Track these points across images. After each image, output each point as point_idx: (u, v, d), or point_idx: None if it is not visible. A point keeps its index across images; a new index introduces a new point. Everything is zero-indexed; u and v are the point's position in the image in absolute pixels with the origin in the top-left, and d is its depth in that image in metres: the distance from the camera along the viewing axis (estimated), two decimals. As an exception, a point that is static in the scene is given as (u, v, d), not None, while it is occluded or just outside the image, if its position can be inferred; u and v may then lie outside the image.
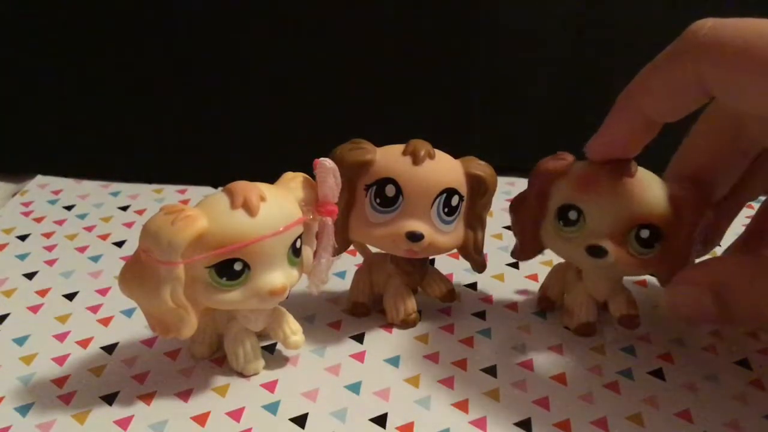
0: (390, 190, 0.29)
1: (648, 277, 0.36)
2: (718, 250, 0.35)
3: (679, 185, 0.29)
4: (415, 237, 0.29)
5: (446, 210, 0.29)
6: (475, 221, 0.31)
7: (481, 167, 0.30)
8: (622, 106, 0.27)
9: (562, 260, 0.33)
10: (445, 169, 0.29)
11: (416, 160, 0.29)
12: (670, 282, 0.29)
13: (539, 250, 0.32)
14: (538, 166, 0.30)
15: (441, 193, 0.29)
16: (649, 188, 0.28)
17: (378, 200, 0.29)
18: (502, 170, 0.32)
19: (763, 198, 0.33)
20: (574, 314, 0.32)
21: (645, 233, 0.28)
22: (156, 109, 0.47)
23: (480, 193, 0.30)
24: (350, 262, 0.36)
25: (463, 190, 0.30)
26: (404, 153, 0.29)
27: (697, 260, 0.30)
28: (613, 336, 0.32)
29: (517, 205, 0.32)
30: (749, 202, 0.33)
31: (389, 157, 0.29)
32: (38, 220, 0.41)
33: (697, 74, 0.25)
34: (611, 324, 0.32)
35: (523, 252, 0.32)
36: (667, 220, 0.28)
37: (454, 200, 0.29)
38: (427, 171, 0.29)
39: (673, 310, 0.28)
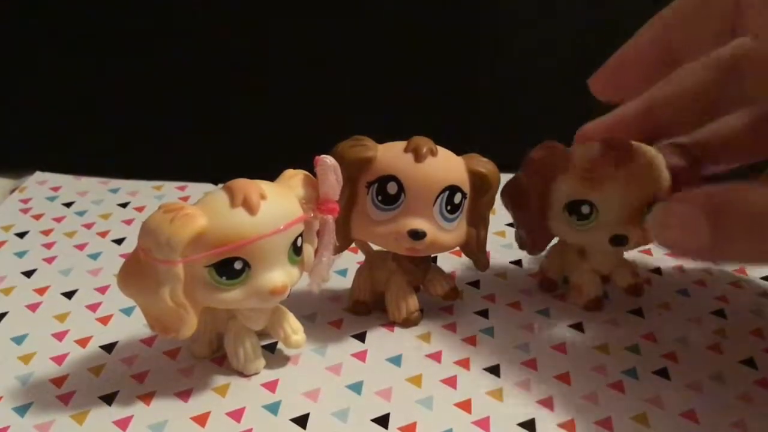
0: (392, 188, 0.29)
1: (652, 274, 0.36)
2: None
3: (671, 152, 0.30)
4: (417, 235, 0.28)
5: (449, 208, 0.29)
6: (478, 219, 0.31)
7: (484, 164, 0.30)
8: (642, 33, 0.26)
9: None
10: (447, 166, 0.29)
11: (418, 158, 0.28)
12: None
13: (550, 240, 0.33)
14: (532, 161, 0.31)
15: (443, 191, 0.29)
16: (652, 165, 0.29)
17: (380, 198, 0.29)
18: (505, 167, 0.31)
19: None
20: (582, 291, 0.33)
21: None
22: (155, 105, 0.47)
23: (483, 190, 0.30)
24: (351, 260, 0.35)
25: (466, 187, 0.30)
26: (406, 150, 0.29)
27: None
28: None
29: (516, 201, 0.32)
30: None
31: (391, 154, 0.29)
32: (37, 217, 0.41)
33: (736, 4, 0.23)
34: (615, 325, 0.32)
35: (535, 246, 0.33)
36: (669, 189, 0.29)
37: (457, 198, 0.29)
38: (430, 168, 0.28)
39: (661, 234, 0.25)
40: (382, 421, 0.27)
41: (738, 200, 0.23)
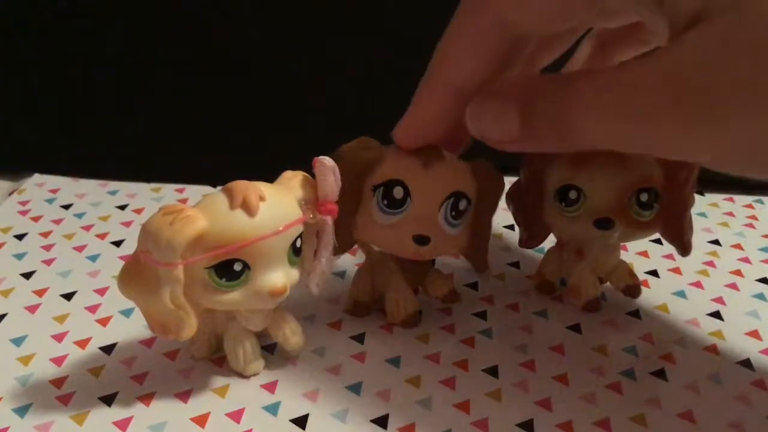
0: (398, 192, 0.28)
1: (649, 276, 0.36)
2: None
3: None
4: (422, 240, 0.28)
5: (453, 213, 0.29)
6: (481, 224, 0.31)
7: (490, 171, 0.30)
8: (428, 82, 0.26)
9: (552, 244, 0.34)
10: (453, 172, 0.29)
11: (425, 163, 0.28)
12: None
13: (546, 235, 0.33)
14: (529, 153, 0.31)
15: (449, 197, 0.28)
16: (639, 153, 0.29)
17: (385, 201, 0.29)
18: (507, 170, 0.31)
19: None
20: (581, 292, 0.33)
21: (644, 196, 0.30)
22: (154, 107, 0.47)
23: (487, 196, 0.30)
24: (350, 262, 0.36)
25: (471, 193, 0.29)
26: (413, 154, 0.28)
27: None
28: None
29: (514, 195, 0.33)
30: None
31: (398, 158, 0.29)
32: (35, 219, 0.41)
33: (497, 14, 0.23)
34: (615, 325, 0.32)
35: (531, 239, 0.33)
36: (659, 178, 0.30)
37: (462, 204, 0.29)
38: (436, 174, 0.28)
39: (473, 125, 0.25)
40: (382, 421, 0.27)
41: (546, 94, 0.22)
